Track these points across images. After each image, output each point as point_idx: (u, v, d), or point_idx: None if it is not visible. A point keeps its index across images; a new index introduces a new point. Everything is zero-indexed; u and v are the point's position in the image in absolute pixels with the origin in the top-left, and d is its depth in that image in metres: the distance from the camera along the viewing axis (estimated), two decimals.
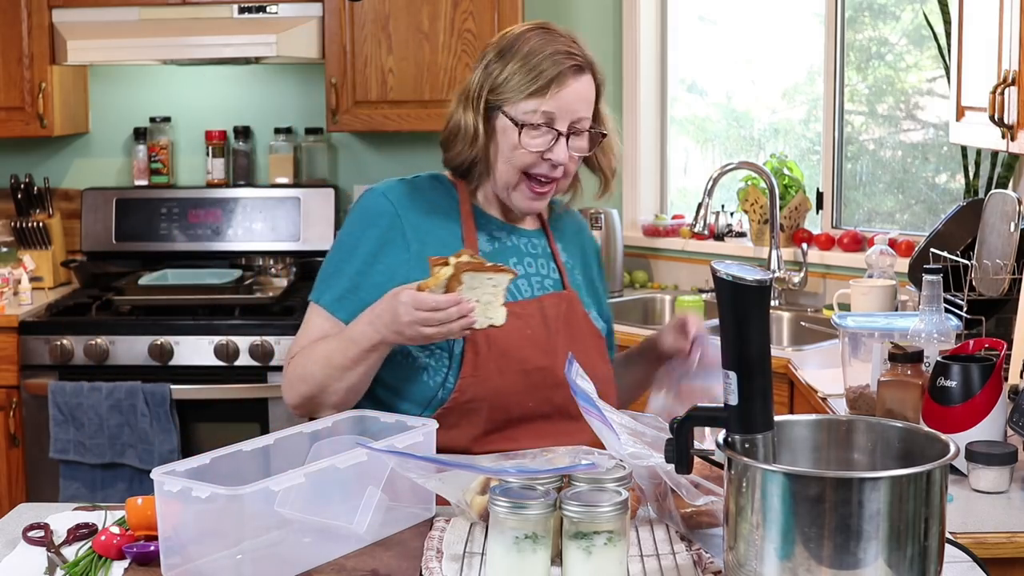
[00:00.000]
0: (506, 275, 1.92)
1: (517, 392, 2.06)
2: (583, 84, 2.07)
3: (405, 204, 2.13)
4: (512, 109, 2.06)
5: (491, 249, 2.15)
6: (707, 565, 1.62)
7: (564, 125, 2.06)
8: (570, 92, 2.05)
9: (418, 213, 2.12)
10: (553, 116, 2.05)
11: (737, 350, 1.42)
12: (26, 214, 4.32)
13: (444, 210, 2.15)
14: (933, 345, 2.29)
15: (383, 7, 4.09)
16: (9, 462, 3.88)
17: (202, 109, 4.53)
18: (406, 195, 2.14)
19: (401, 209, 2.12)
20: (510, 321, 1.98)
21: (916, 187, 3.99)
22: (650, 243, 4.36)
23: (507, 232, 2.18)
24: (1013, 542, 1.88)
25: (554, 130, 2.05)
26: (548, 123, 2.05)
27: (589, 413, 1.75)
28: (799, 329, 3.74)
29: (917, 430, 1.55)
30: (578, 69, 2.07)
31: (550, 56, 2.06)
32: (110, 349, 3.82)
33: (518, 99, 2.05)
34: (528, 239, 2.19)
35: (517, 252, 2.17)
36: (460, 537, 1.73)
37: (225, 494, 1.56)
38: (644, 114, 4.40)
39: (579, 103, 2.07)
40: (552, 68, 2.05)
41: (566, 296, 2.17)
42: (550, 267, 2.19)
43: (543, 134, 2.05)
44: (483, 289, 1.91)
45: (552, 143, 2.06)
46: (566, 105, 2.05)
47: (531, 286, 2.15)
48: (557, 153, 2.06)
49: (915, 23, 3.91)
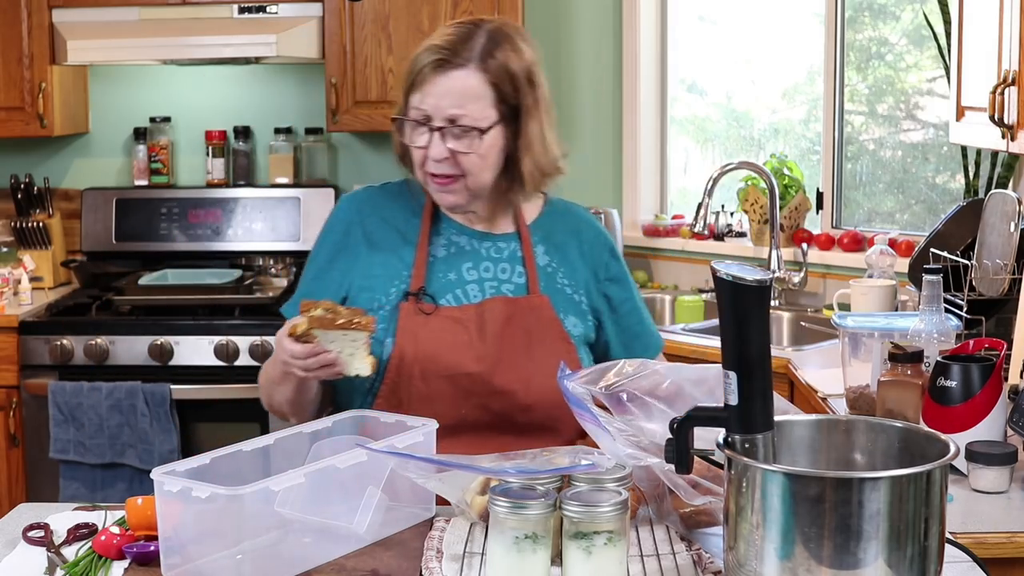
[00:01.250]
0: (361, 332, 1.93)
1: (444, 399, 2.03)
2: (456, 79, 2.01)
3: (365, 211, 2.16)
4: (406, 104, 2.07)
5: (445, 254, 2.14)
6: (707, 565, 1.62)
7: (438, 120, 2.02)
8: (438, 88, 2.01)
9: (376, 220, 2.15)
10: (427, 112, 2.03)
11: (737, 350, 1.42)
12: (26, 214, 4.32)
13: (406, 216, 2.16)
14: (933, 345, 2.29)
15: (383, 7, 4.09)
16: (9, 462, 3.88)
17: (202, 109, 4.53)
18: (367, 202, 2.18)
19: (359, 216, 2.16)
20: (442, 326, 2.01)
21: (916, 187, 3.99)
22: (650, 243, 4.36)
23: (468, 236, 2.16)
24: (1013, 542, 1.88)
25: (428, 127, 2.03)
26: (425, 119, 2.03)
27: (583, 418, 1.75)
28: (799, 329, 3.74)
29: (917, 430, 1.55)
30: (449, 65, 2.01)
31: (426, 50, 2.04)
32: (110, 349, 3.82)
33: (408, 94, 2.06)
34: (493, 243, 2.16)
35: (475, 256, 2.15)
36: (460, 537, 1.73)
37: (225, 494, 1.56)
38: (644, 114, 4.40)
39: (447, 98, 2.01)
40: (420, 63, 2.03)
41: (527, 302, 2.12)
42: (515, 271, 2.14)
43: (423, 131, 2.04)
44: (342, 342, 1.94)
45: (429, 140, 2.04)
46: (435, 101, 2.01)
47: (482, 291, 2.12)
48: (431, 150, 2.03)
49: (915, 23, 3.91)
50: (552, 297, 2.13)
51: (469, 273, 2.13)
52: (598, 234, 2.24)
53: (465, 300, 2.10)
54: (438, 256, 2.14)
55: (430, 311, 2.08)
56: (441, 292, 2.11)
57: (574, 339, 2.12)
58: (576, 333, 2.13)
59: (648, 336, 2.25)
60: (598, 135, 4.45)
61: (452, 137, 2.03)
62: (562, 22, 4.40)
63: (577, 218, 2.25)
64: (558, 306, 2.13)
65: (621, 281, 2.23)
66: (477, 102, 2.03)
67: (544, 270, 2.16)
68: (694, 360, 3.30)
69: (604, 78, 4.42)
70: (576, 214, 2.26)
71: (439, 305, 2.09)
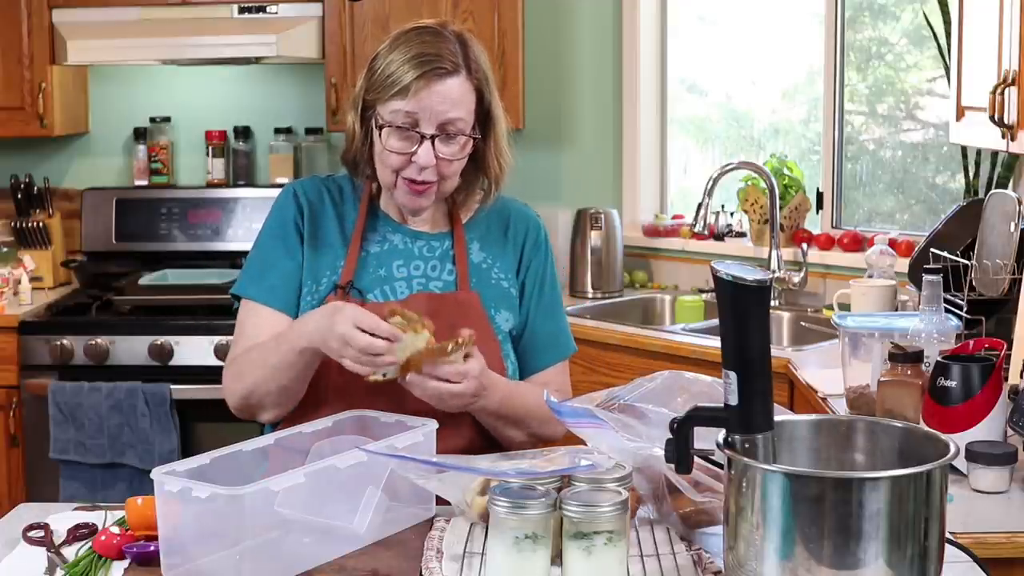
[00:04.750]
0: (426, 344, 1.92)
1: (360, 392, 2.01)
2: (449, 87, 2.03)
3: (311, 198, 2.18)
4: (382, 109, 2.05)
5: (378, 251, 2.15)
6: (707, 565, 1.62)
7: (429, 127, 2.03)
8: (432, 94, 2.02)
9: (319, 210, 2.17)
10: (417, 118, 2.02)
11: (737, 350, 1.42)
12: (26, 214, 4.32)
13: (346, 210, 2.18)
14: (933, 345, 2.29)
15: (383, 7, 4.09)
16: (9, 462, 3.88)
17: (202, 109, 4.53)
18: (313, 191, 2.19)
19: (306, 203, 2.17)
20: None
21: (916, 187, 3.99)
22: (650, 243, 4.36)
23: (403, 235, 2.17)
24: (1013, 542, 1.88)
25: (418, 132, 2.03)
26: (412, 125, 2.03)
27: (580, 426, 1.75)
28: (799, 329, 3.74)
29: (917, 430, 1.55)
30: (443, 72, 2.02)
31: (415, 57, 2.03)
32: (110, 349, 3.82)
33: (385, 99, 2.04)
34: (427, 242, 2.17)
35: (407, 254, 2.16)
36: (460, 537, 1.73)
37: (225, 494, 1.56)
38: (644, 114, 4.40)
39: (443, 105, 2.02)
40: (415, 70, 2.02)
41: (453, 298, 2.13)
42: (445, 269, 2.15)
43: (408, 136, 2.04)
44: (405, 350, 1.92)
45: (416, 146, 2.03)
46: (429, 107, 2.02)
47: (409, 288, 2.13)
48: (420, 156, 2.03)
49: (915, 23, 3.91)
50: (484, 293, 2.15)
51: (399, 271, 2.14)
52: (527, 223, 2.25)
53: (392, 296, 2.12)
54: (371, 252, 2.15)
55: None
56: (370, 287, 2.12)
57: (501, 335, 2.14)
58: (506, 329, 2.15)
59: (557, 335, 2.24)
60: (598, 135, 4.45)
61: (440, 144, 2.04)
62: (562, 22, 4.40)
63: (510, 211, 2.25)
64: (490, 302, 2.14)
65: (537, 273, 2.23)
66: (466, 107, 2.06)
67: (479, 267, 2.17)
68: (694, 360, 3.30)
69: (604, 78, 4.42)
70: (510, 208, 2.26)
71: (366, 300, 2.10)
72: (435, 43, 2.05)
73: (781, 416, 1.51)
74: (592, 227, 4.16)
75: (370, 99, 2.07)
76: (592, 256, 4.16)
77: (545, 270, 2.24)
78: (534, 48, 4.28)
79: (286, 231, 2.16)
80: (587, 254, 4.17)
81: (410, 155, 2.04)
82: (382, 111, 2.05)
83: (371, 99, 2.07)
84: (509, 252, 2.21)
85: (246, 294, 2.17)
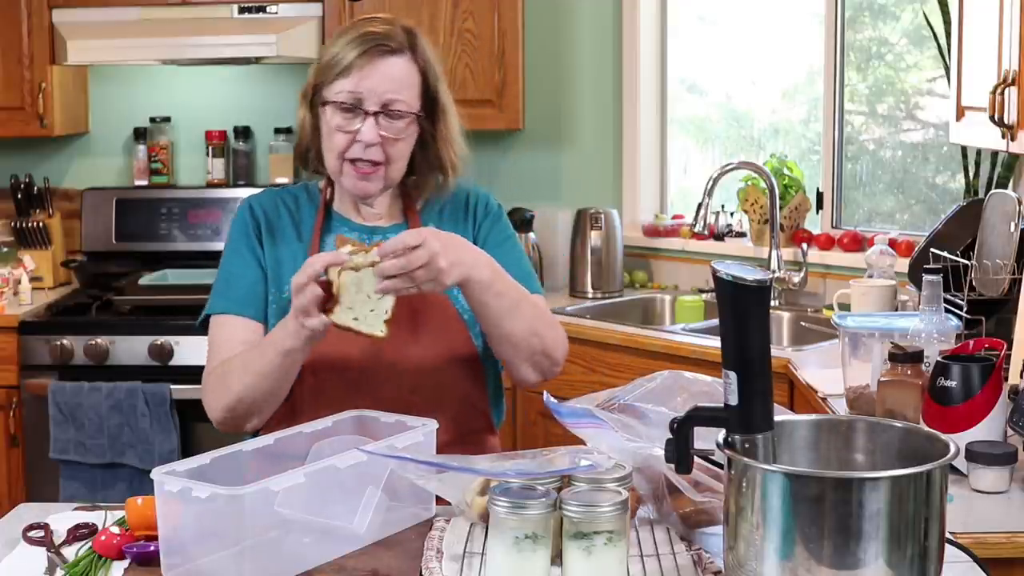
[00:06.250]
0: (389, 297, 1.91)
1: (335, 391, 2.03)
2: (393, 66, 2.08)
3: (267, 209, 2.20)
4: (327, 92, 2.09)
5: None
6: (707, 565, 1.62)
7: (373, 105, 2.07)
8: (376, 71, 2.06)
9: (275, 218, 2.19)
10: (360, 96, 2.06)
11: (737, 350, 1.42)
12: (26, 214, 4.32)
13: (301, 216, 2.20)
14: (933, 345, 2.29)
15: (383, 7, 4.09)
16: (9, 462, 3.88)
17: (202, 109, 4.53)
18: (268, 202, 2.22)
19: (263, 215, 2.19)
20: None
21: (916, 187, 3.99)
22: (650, 243, 4.36)
23: (359, 233, 2.19)
24: (1013, 542, 1.88)
25: (362, 110, 2.07)
26: (356, 103, 2.07)
27: (580, 426, 1.75)
28: (799, 329, 3.74)
29: (917, 430, 1.55)
30: (387, 50, 2.07)
31: (359, 37, 2.08)
32: (110, 349, 3.82)
33: (330, 80, 2.08)
34: (383, 235, 2.17)
35: None
36: (460, 537, 1.73)
37: (225, 494, 1.56)
38: (644, 114, 4.40)
39: (386, 83, 2.07)
40: (358, 48, 2.06)
41: None
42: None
43: (353, 115, 2.07)
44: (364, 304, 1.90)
45: (360, 123, 2.07)
46: (371, 85, 2.06)
47: None
48: (363, 133, 2.06)
49: (915, 23, 3.91)
50: None
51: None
52: (478, 198, 2.26)
53: None
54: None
55: None
56: None
57: (466, 316, 2.14)
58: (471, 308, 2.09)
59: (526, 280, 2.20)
60: (598, 135, 4.45)
61: (384, 123, 2.08)
62: (562, 22, 4.39)
63: (460, 189, 2.26)
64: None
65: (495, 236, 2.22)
66: (411, 89, 2.10)
67: None
68: (694, 360, 3.30)
69: (604, 78, 4.42)
70: (464, 195, 2.27)
71: None
72: (379, 26, 2.11)
73: (781, 416, 1.51)
74: (592, 227, 4.16)
75: (317, 84, 2.11)
76: (592, 256, 4.16)
77: (500, 224, 2.24)
78: (534, 48, 4.28)
79: (246, 244, 2.19)
80: (587, 254, 4.17)
81: (354, 133, 2.07)
82: (327, 93, 2.09)
83: (318, 84, 2.11)
84: (464, 226, 2.22)
85: (215, 309, 2.17)
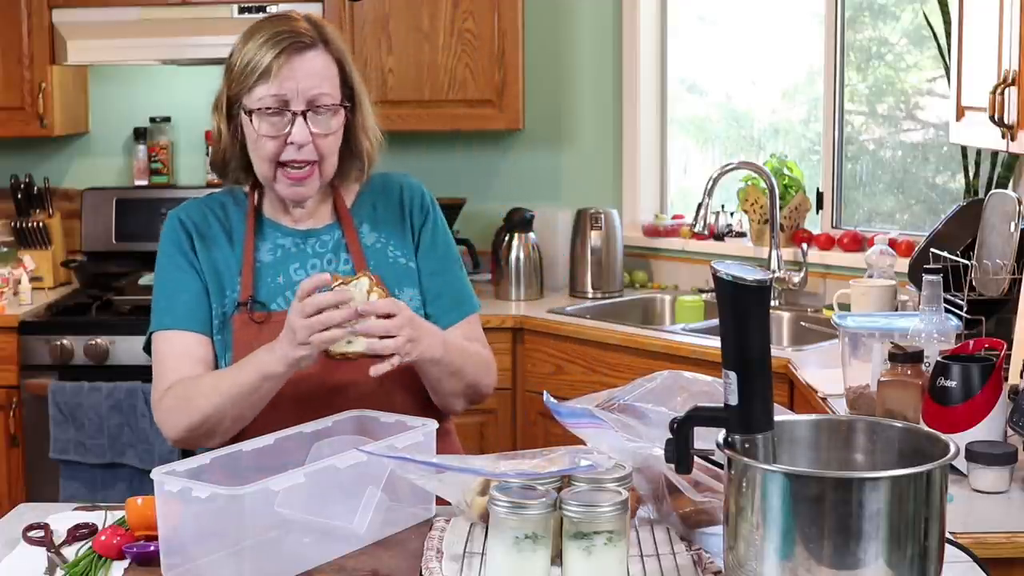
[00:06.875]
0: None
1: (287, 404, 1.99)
2: (311, 60, 2.04)
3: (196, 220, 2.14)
4: (248, 100, 2.04)
5: (271, 259, 2.13)
6: (707, 565, 1.62)
7: (299, 104, 2.02)
8: (296, 70, 2.02)
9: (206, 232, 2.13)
10: (285, 98, 2.02)
11: (737, 350, 1.42)
12: (26, 214, 4.32)
13: (232, 225, 2.15)
14: (933, 345, 2.29)
15: (383, 7, 4.09)
16: (9, 462, 3.88)
17: (202, 109, 4.44)
18: (196, 212, 2.15)
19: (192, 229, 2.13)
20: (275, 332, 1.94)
21: (916, 187, 3.99)
22: (650, 243, 4.36)
23: (292, 238, 2.15)
24: (1013, 542, 1.88)
25: (289, 111, 2.03)
26: (282, 106, 2.02)
27: (579, 427, 1.75)
28: (799, 329, 3.74)
29: (917, 430, 1.55)
30: (302, 46, 2.03)
31: (271, 38, 2.03)
32: (110, 349, 3.82)
33: (249, 87, 2.03)
34: (317, 238, 2.15)
35: (301, 256, 2.14)
36: (460, 537, 1.73)
37: (225, 494, 1.56)
38: (644, 114, 4.40)
39: (309, 79, 2.03)
40: (273, 49, 2.02)
41: None
42: (341, 259, 2.13)
43: (280, 118, 2.03)
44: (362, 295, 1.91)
45: (289, 126, 2.03)
46: (294, 85, 2.02)
47: None
48: (295, 134, 2.02)
49: (915, 23, 3.91)
50: (384, 273, 2.09)
51: (296, 273, 2.12)
52: (411, 191, 2.22)
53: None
54: (265, 262, 2.13)
55: (262, 319, 2.06)
56: (271, 297, 2.10)
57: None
58: (413, 307, 2.07)
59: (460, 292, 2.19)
60: (598, 135, 4.45)
61: (312, 119, 2.03)
62: (562, 22, 4.39)
63: (392, 183, 2.23)
64: (391, 281, 2.10)
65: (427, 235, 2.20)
66: (332, 80, 2.06)
67: (372, 248, 2.15)
68: (694, 360, 3.30)
69: (604, 78, 4.42)
70: (392, 180, 2.24)
71: (271, 311, 2.07)
72: (287, 23, 2.07)
73: (781, 416, 1.51)
74: (592, 227, 4.16)
75: (234, 93, 2.06)
76: (592, 256, 4.16)
77: (436, 230, 2.21)
78: (534, 48, 4.28)
79: (184, 258, 2.11)
80: (587, 254, 4.17)
81: (285, 136, 2.03)
82: (248, 101, 2.04)
83: (235, 93, 2.06)
84: (403, 226, 2.18)
85: (160, 326, 2.09)
